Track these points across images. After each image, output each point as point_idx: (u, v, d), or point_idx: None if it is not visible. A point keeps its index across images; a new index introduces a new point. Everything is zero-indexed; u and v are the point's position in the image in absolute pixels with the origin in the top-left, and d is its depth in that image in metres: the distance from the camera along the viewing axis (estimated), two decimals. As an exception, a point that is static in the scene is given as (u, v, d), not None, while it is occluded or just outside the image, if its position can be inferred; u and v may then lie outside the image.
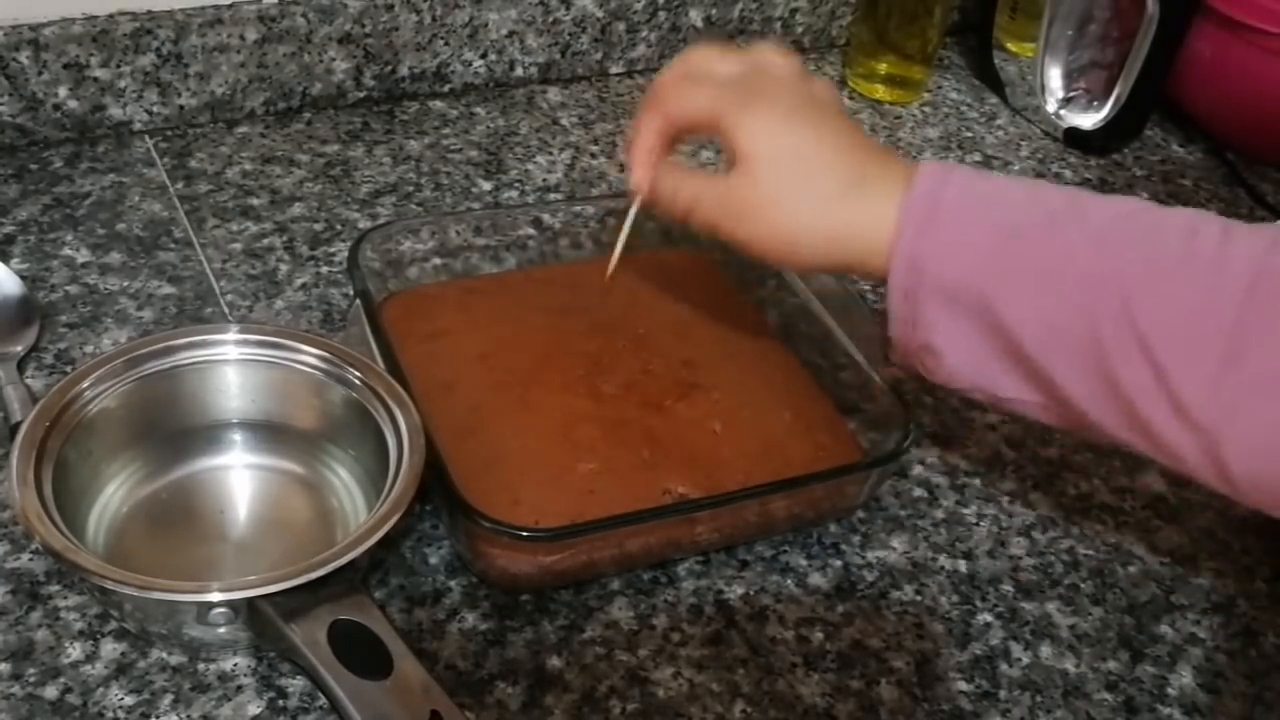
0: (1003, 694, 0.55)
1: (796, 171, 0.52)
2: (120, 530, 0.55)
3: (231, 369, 0.58)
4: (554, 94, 0.93)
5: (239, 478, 0.59)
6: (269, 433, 0.59)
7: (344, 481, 0.59)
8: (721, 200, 0.53)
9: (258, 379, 0.59)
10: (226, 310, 0.69)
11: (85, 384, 0.55)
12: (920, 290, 0.50)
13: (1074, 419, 0.50)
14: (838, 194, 0.52)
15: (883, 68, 0.98)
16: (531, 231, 0.72)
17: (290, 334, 0.59)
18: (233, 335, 0.58)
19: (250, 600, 0.48)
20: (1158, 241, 0.47)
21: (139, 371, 0.56)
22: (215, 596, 0.48)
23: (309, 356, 0.58)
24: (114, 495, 0.56)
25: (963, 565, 0.61)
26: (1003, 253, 0.49)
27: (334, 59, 0.85)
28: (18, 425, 0.54)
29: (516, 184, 0.83)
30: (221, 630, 0.50)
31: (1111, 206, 0.49)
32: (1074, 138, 0.96)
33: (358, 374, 0.57)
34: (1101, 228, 0.48)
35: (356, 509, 0.57)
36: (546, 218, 0.73)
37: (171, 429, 0.58)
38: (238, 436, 0.59)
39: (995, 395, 0.52)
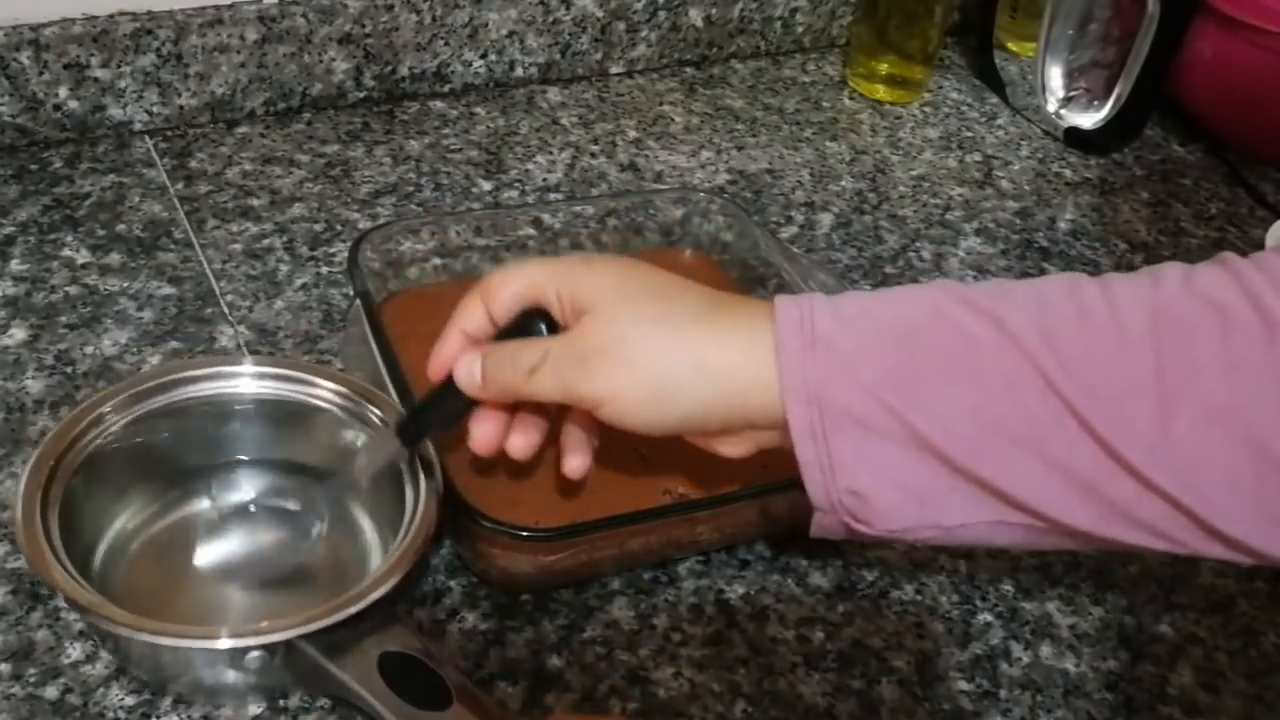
0: (1003, 693, 0.55)
1: (650, 301, 0.47)
2: (125, 570, 0.53)
3: (246, 404, 0.56)
4: (554, 94, 0.93)
5: (250, 517, 0.56)
6: (282, 470, 0.57)
7: (359, 523, 0.56)
8: (569, 349, 0.47)
9: (273, 415, 0.57)
10: (226, 310, 0.69)
11: (94, 416, 0.53)
12: (827, 424, 0.44)
13: (1036, 525, 0.45)
14: (695, 317, 0.47)
15: (883, 68, 0.98)
16: (532, 232, 0.72)
17: (308, 369, 0.57)
18: (248, 368, 0.56)
19: (289, 642, 0.46)
20: (1048, 308, 0.44)
21: (149, 405, 0.54)
22: (254, 641, 0.45)
23: (327, 392, 0.56)
24: (120, 534, 0.54)
25: (963, 565, 0.61)
26: (904, 356, 0.44)
27: (334, 59, 0.85)
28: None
29: (516, 184, 0.83)
30: (252, 677, 0.47)
31: (983, 287, 0.46)
32: (1074, 137, 0.96)
33: (377, 412, 0.55)
34: (989, 307, 0.44)
35: (370, 551, 0.55)
36: (547, 218, 0.73)
37: (181, 465, 0.56)
38: (250, 473, 0.57)
39: (940, 525, 0.45)
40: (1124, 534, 0.44)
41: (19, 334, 0.66)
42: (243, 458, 0.57)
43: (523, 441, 0.51)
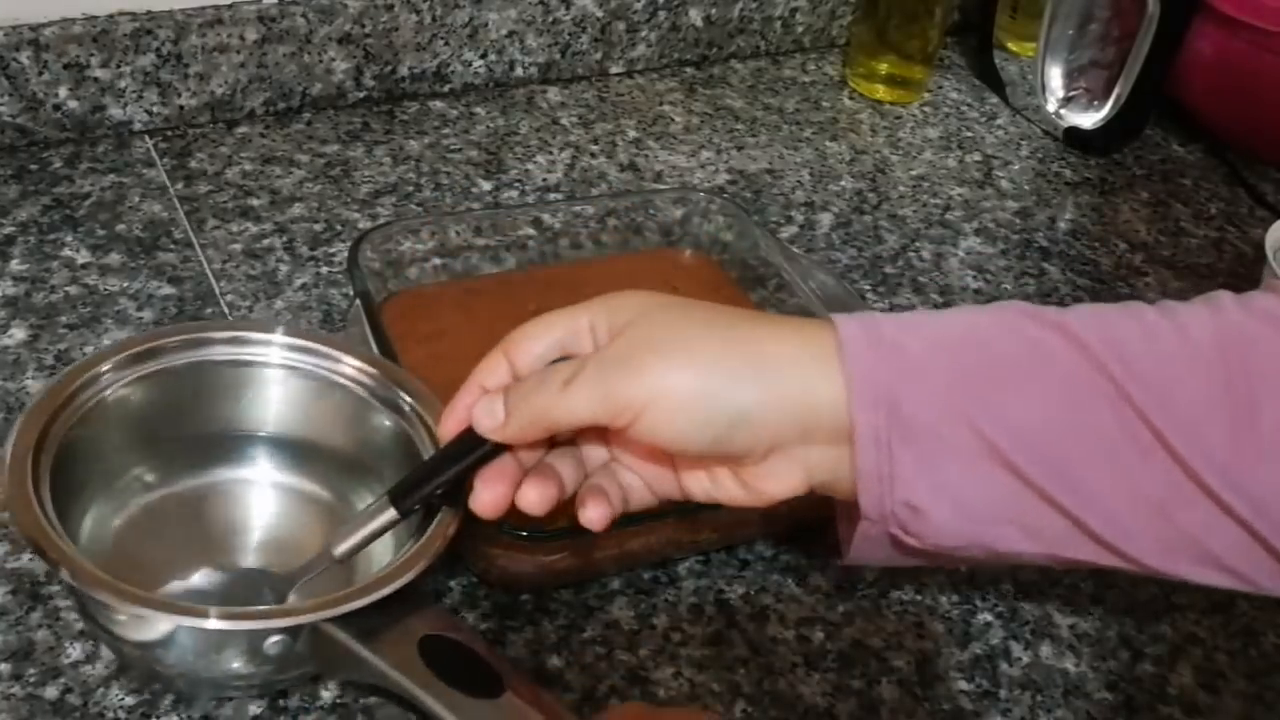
0: (1003, 693, 0.55)
1: (694, 308, 0.44)
2: (116, 538, 0.50)
3: (270, 373, 0.52)
4: (554, 94, 0.93)
5: (259, 495, 0.53)
6: (300, 450, 0.53)
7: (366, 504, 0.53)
8: (611, 353, 0.43)
9: (297, 389, 0.53)
10: (227, 311, 0.69)
11: (105, 367, 0.49)
12: (893, 430, 0.42)
13: (1090, 559, 0.43)
14: (748, 318, 0.45)
15: (883, 67, 0.98)
16: (531, 231, 0.72)
17: (340, 346, 0.53)
18: (277, 337, 0.53)
19: (315, 625, 0.42)
20: (1112, 323, 0.43)
21: (165, 362, 0.51)
22: (278, 623, 0.42)
23: (358, 373, 0.52)
24: (117, 496, 0.51)
25: (962, 564, 0.61)
26: (974, 362, 0.43)
27: (334, 59, 0.85)
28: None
29: (516, 184, 0.83)
30: (267, 665, 0.44)
31: (1043, 306, 0.45)
32: (1074, 137, 0.96)
33: (409, 400, 0.52)
34: (1055, 319, 0.43)
35: (383, 544, 0.51)
36: (546, 218, 0.73)
37: (188, 434, 0.52)
38: (265, 449, 0.54)
39: (993, 548, 0.44)
40: (1188, 568, 0.43)
41: (19, 334, 0.66)
42: (260, 430, 0.53)
43: (538, 495, 0.45)
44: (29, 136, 0.79)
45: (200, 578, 0.48)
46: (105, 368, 0.49)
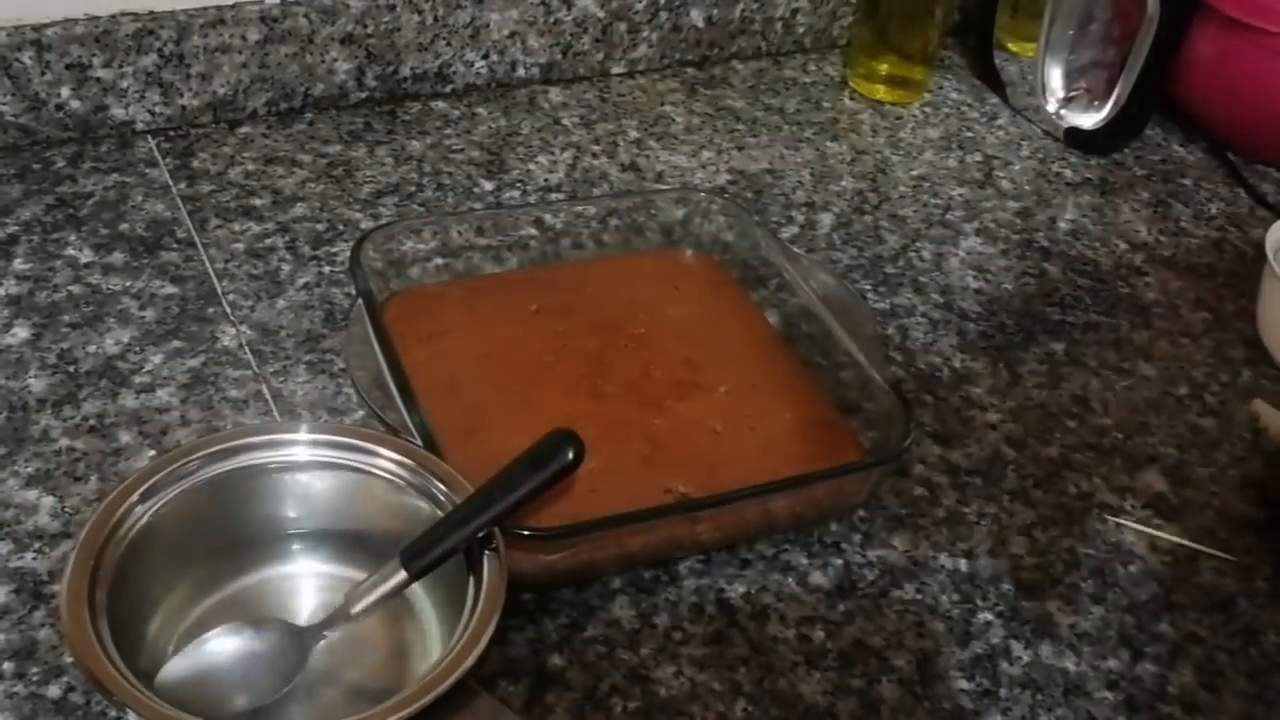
0: (1003, 692, 0.55)
1: None
2: (178, 651, 0.49)
3: (302, 474, 0.53)
4: (555, 94, 0.93)
5: (305, 590, 0.53)
6: (339, 544, 0.54)
7: (418, 600, 0.53)
8: None
9: (330, 485, 0.53)
10: (228, 310, 0.69)
11: (138, 494, 0.50)
12: None
13: None
14: None
15: (884, 68, 0.98)
16: (533, 231, 0.72)
17: (369, 436, 0.53)
18: (304, 436, 0.53)
19: None
20: None
21: (198, 476, 0.51)
22: None
23: (389, 463, 0.53)
24: (170, 613, 0.51)
25: (963, 564, 0.61)
26: None
27: (336, 59, 0.85)
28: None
29: (518, 184, 0.83)
30: None
31: None
32: (1074, 137, 0.96)
33: (442, 487, 0.52)
34: None
35: (431, 629, 0.52)
36: (548, 218, 0.73)
37: (232, 539, 0.53)
38: (305, 547, 0.54)
39: None
40: None
41: (22, 333, 0.66)
42: (299, 530, 0.54)
43: None
44: (32, 136, 0.79)
45: (225, 631, 0.48)
46: (140, 493, 0.50)
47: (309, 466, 0.53)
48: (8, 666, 0.50)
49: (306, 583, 0.54)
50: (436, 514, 0.51)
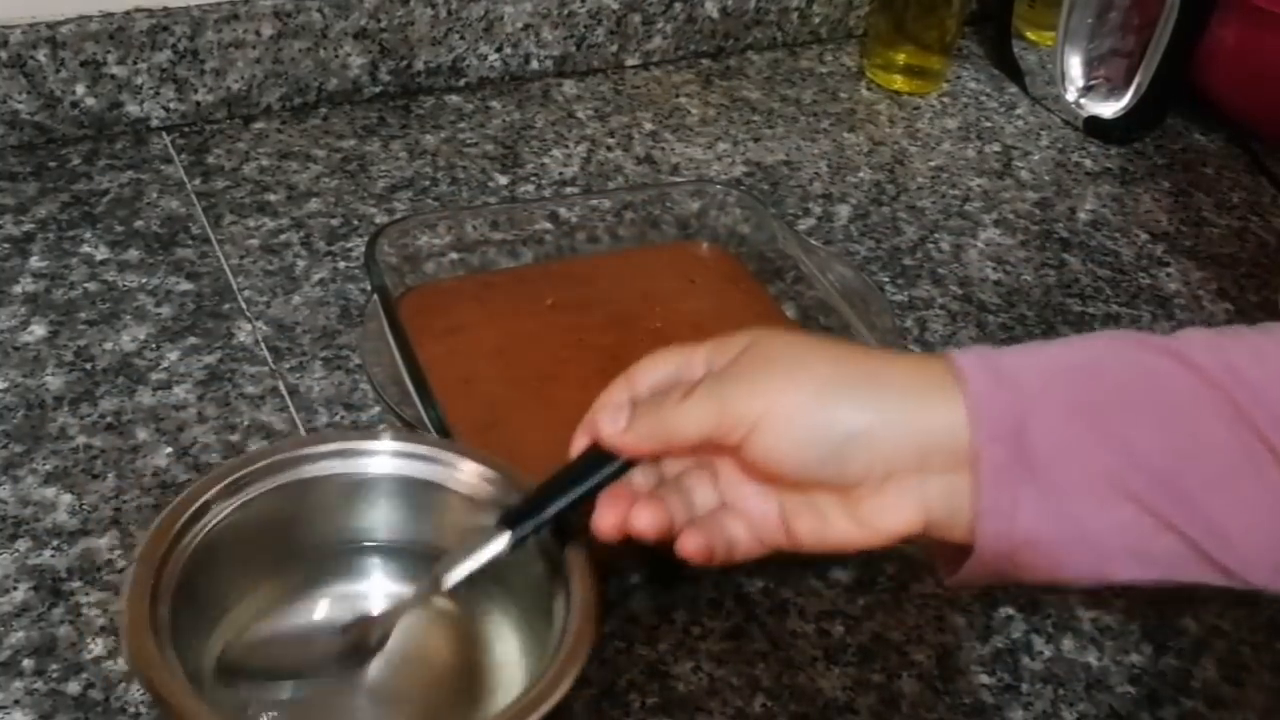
0: (1025, 687, 0.55)
1: (805, 337, 0.46)
2: (244, 667, 0.47)
3: (376, 486, 0.51)
4: (569, 87, 0.93)
5: (377, 606, 0.51)
6: (411, 561, 0.51)
7: (495, 621, 0.51)
8: (730, 368, 0.44)
9: (405, 498, 0.51)
10: (244, 306, 0.69)
11: (208, 496, 0.48)
12: (1017, 465, 0.41)
13: (1210, 563, 0.42)
14: (861, 350, 0.45)
15: (901, 58, 0.97)
16: (548, 225, 0.72)
17: (453, 449, 0.51)
18: (379, 445, 0.51)
19: None
20: (1220, 347, 0.43)
21: (271, 483, 0.49)
22: None
23: (468, 477, 0.50)
24: (237, 625, 0.49)
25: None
26: (1091, 391, 0.42)
27: (349, 54, 0.85)
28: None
29: (533, 178, 0.82)
30: None
31: (1150, 334, 0.45)
32: (1094, 126, 0.95)
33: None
34: (1163, 344, 0.43)
35: (506, 651, 0.50)
36: (563, 211, 0.73)
37: (300, 552, 0.51)
38: (379, 561, 0.52)
39: (1108, 578, 0.43)
40: None
41: (39, 330, 0.66)
42: (373, 542, 0.52)
43: (650, 517, 0.45)
44: (47, 134, 0.79)
45: (301, 614, 0.48)
46: (209, 497, 0.48)
47: (384, 478, 0.51)
48: (28, 663, 0.51)
49: (377, 602, 0.51)
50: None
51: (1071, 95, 0.95)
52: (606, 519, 0.45)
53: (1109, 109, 0.94)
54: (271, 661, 0.47)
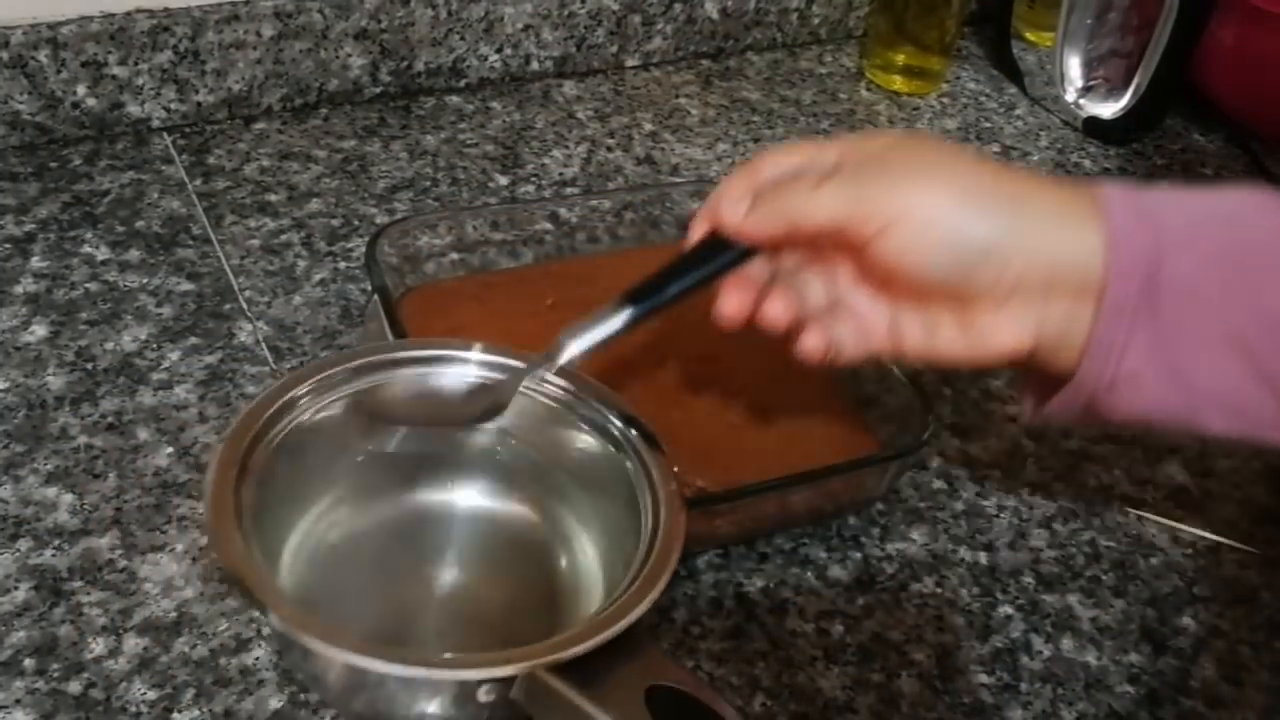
0: (1024, 686, 0.55)
1: (955, 145, 0.45)
2: (317, 566, 0.47)
3: (474, 392, 0.50)
4: (570, 88, 0.93)
5: (458, 518, 0.51)
6: (499, 470, 0.51)
7: (578, 538, 0.50)
8: (865, 170, 0.43)
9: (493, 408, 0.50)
10: (245, 306, 0.69)
11: (301, 390, 0.47)
12: (1141, 302, 0.41)
13: None
14: (1010, 168, 0.44)
15: (900, 59, 0.97)
16: (548, 226, 0.72)
17: (538, 361, 0.51)
18: (475, 355, 0.50)
19: (532, 673, 0.39)
20: None
21: (363, 383, 0.49)
22: (494, 673, 0.39)
23: (563, 393, 0.50)
24: (316, 522, 0.48)
25: (983, 557, 0.60)
26: (1229, 241, 0.42)
27: (350, 54, 0.85)
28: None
29: (533, 178, 0.83)
30: (480, 713, 0.41)
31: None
32: (1093, 127, 0.95)
33: (621, 426, 0.49)
34: None
35: (589, 570, 0.49)
36: (563, 212, 0.73)
37: (387, 452, 0.51)
38: (462, 469, 0.51)
39: (1193, 425, 0.44)
40: None
41: (40, 330, 0.66)
42: (461, 449, 0.51)
43: (783, 307, 0.46)
44: (48, 134, 0.79)
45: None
46: (301, 390, 0.47)
47: (475, 385, 0.50)
48: (29, 663, 0.51)
49: (454, 513, 0.50)
50: (606, 447, 0.48)
51: (1071, 96, 0.96)
52: (730, 304, 0.46)
53: (1108, 109, 0.94)
54: (407, 411, 0.49)
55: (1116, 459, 0.67)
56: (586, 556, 0.50)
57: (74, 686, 0.50)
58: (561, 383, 0.50)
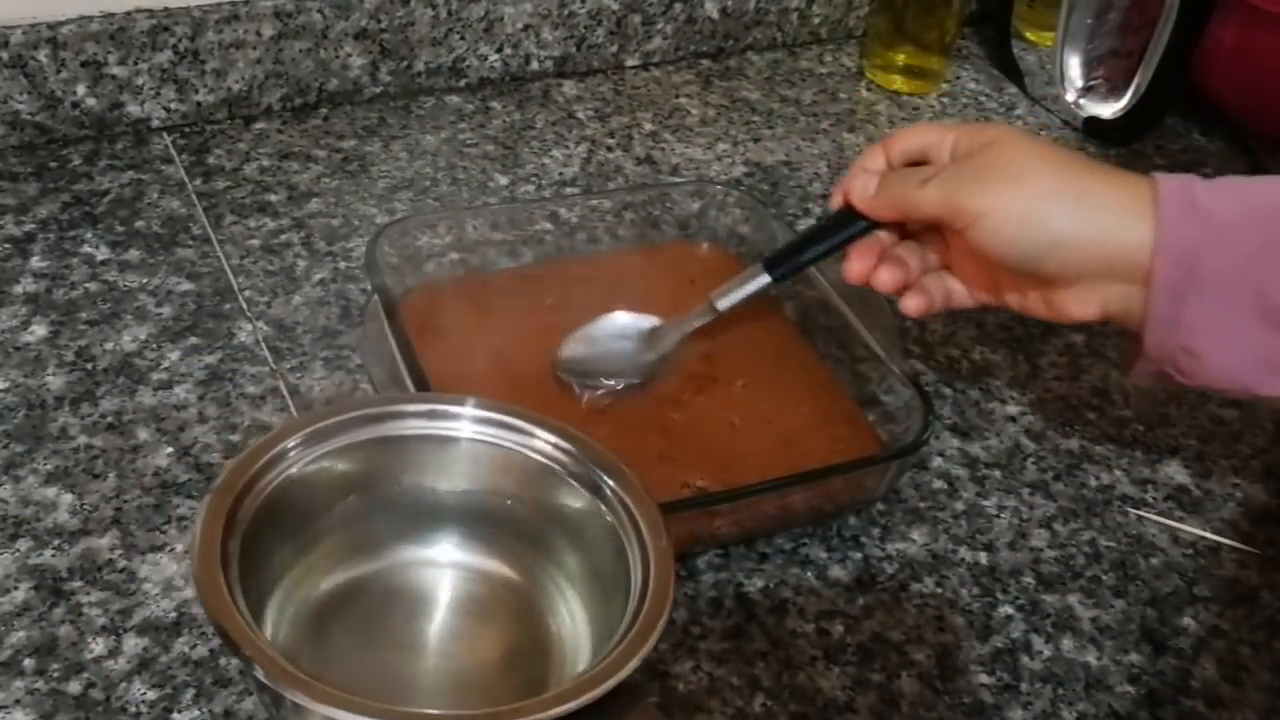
0: (1024, 686, 0.55)
1: (1040, 146, 0.53)
2: (302, 625, 0.47)
3: (460, 447, 0.50)
4: (570, 87, 0.93)
5: (445, 576, 0.50)
6: (488, 528, 0.51)
7: (565, 597, 0.50)
8: (965, 166, 0.53)
9: (487, 464, 0.50)
10: (245, 306, 0.69)
11: (291, 443, 0.47)
12: (1188, 287, 0.49)
13: None
14: (1087, 165, 0.52)
15: (900, 58, 0.97)
16: (548, 226, 0.72)
17: (535, 419, 0.50)
18: (469, 410, 0.50)
19: None
20: None
21: (353, 437, 0.48)
22: None
23: (552, 449, 0.49)
24: (305, 576, 0.48)
25: (983, 557, 0.60)
26: (1274, 235, 0.48)
27: (350, 54, 0.85)
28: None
29: (533, 178, 0.83)
30: None
31: None
32: (1094, 127, 0.95)
33: (611, 482, 0.48)
34: None
35: (577, 627, 0.49)
36: (563, 212, 0.73)
37: (376, 507, 0.50)
38: (451, 526, 0.51)
39: (1254, 391, 0.51)
40: None
41: (40, 330, 0.66)
42: (447, 507, 0.51)
43: (890, 275, 0.56)
44: (48, 134, 0.79)
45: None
46: (291, 443, 0.47)
47: (463, 441, 0.50)
48: (29, 663, 0.51)
49: (444, 571, 0.51)
50: (595, 505, 0.48)
51: (1071, 96, 0.96)
52: (855, 268, 0.56)
53: (1108, 109, 0.94)
54: (591, 360, 0.61)
55: (1117, 459, 0.67)
56: (574, 614, 0.49)
57: (74, 686, 0.50)
58: (552, 439, 0.50)
